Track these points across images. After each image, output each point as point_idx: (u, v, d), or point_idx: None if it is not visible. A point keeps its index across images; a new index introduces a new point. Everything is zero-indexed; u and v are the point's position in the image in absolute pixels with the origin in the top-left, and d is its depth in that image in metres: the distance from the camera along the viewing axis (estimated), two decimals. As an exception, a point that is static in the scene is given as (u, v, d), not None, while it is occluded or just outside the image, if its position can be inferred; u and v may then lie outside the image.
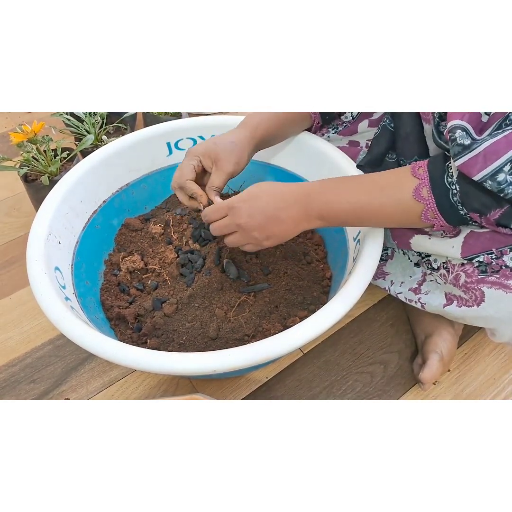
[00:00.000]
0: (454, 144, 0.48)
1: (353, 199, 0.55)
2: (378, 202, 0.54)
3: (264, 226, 0.57)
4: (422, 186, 0.52)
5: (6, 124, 1.28)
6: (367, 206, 0.55)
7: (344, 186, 0.57)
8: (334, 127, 0.79)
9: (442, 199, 0.51)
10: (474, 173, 0.47)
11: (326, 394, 0.73)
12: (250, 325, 0.64)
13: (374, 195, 0.55)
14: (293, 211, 0.57)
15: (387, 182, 0.55)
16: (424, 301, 0.67)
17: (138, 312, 0.67)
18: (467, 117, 0.48)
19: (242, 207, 0.57)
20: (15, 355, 0.77)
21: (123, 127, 1.07)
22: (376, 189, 0.55)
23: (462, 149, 0.47)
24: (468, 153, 0.47)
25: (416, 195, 0.52)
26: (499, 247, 0.54)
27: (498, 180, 0.46)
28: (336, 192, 0.57)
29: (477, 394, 0.73)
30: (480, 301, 0.56)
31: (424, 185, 0.52)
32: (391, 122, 0.67)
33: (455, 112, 0.49)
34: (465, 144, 0.47)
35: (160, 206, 0.85)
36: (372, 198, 0.55)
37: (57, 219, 0.66)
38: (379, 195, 0.54)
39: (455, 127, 0.48)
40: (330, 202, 0.56)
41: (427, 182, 0.52)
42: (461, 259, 0.57)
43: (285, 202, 0.57)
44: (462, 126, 0.48)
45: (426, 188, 0.52)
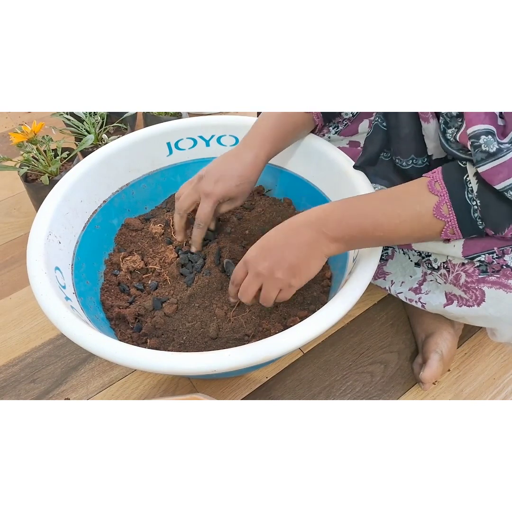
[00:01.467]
0: (478, 150, 0.46)
1: (371, 218, 0.52)
2: (398, 221, 0.51)
3: (280, 260, 0.53)
4: (443, 204, 0.50)
5: (6, 124, 1.28)
6: (386, 225, 0.52)
7: (361, 205, 0.54)
8: (334, 125, 0.79)
9: (464, 216, 0.50)
10: (496, 181, 0.46)
11: (326, 394, 0.73)
12: (250, 325, 0.64)
13: (392, 215, 0.52)
14: (304, 235, 0.53)
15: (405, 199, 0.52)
16: (425, 301, 0.67)
17: (138, 312, 0.67)
18: (488, 119, 0.47)
19: (255, 255, 0.55)
20: (15, 355, 0.77)
21: (123, 127, 1.07)
22: (394, 208, 0.52)
23: (487, 156, 0.46)
24: (492, 161, 0.46)
25: (437, 213, 0.50)
26: (501, 246, 0.54)
27: None
28: (350, 211, 0.54)
29: (477, 394, 0.73)
30: (480, 301, 0.56)
31: (444, 202, 0.50)
32: (383, 121, 0.66)
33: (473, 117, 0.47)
34: (490, 151, 0.45)
35: (160, 206, 0.85)
36: (390, 217, 0.52)
37: (57, 219, 0.66)
38: (398, 214, 0.51)
39: (479, 133, 0.46)
40: (345, 220, 0.53)
41: (447, 199, 0.49)
42: (462, 258, 0.57)
43: (293, 229, 0.55)
44: (486, 130, 0.46)
45: (447, 206, 0.50)
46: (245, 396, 0.73)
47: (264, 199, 0.84)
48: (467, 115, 0.48)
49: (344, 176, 0.71)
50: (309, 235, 0.54)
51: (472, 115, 0.48)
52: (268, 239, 0.56)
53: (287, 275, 0.54)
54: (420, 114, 0.60)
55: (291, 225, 0.55)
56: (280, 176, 0.84)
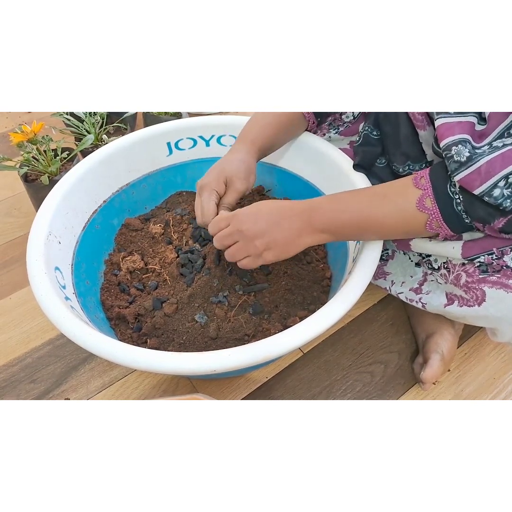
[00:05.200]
0: (451, 161, 0.48)
1: (356, 210, 0.55)
2: (382, 213, 0.54)
3: (265, 232, 0.56)
4: (426, 197, 0.51)
5: (6, 124, 1.28)
6: (370, 217, 0.55)
7: (347, 198, 0.57)
8: (335, 127, 0.79)
9: (447, 208, 0.51)
10: (474, 188, 0.47)
11: (326, 394, 0.73)
12: (250, 325, 0.64)
13: (377, 206, 0.54)
14: (296, 222, 0.56)
15: (390, 193, 0.54)
16: (425, 301, 0.67)
17: (138, 312, 0.67)
18: (460, 128, 0.49)
19: (245, 214, 0.57)
20: (15, 355, 0.77)
21: (123, 127, 1.07)
22: (379, 200, 0.54)
23: (459, 166, 0.48)
24: (465, 170, 0.47)
25: (420, 206, 0.52)
26: (500, 246, 0.54)
27: (494, 196, 0.46)
28: (339, 204, 0.56)
29: (477, 394, 0.73)
30: (481, 301, 0.57)
31: (428, 196, 0.51)
32: (373, 131, 0.67)
33: (444, 131, 0.49)
34: (462, 160, 0.47)
35: (160, 206, 0.85)
36: (374, 209, 0.54)
37: (57, 219, 0.66)
38: (382, 206, 0.54)
39: (449, 145, 0.49)
40: (333, 213, 0.56)
41: (430, 192, 0.51)
42: (462, 259, 0.57)
43: (289, 212, 0.57)
44: (458, 139, 0.48)
45: (430, 199, 0.51)
46: (245, 396, 0.73)
47: (264, 199, 0.84)
48: (438, 130, 0.50)
49: (344, 176, 0.71)
50: (300, 223, 0.57)
51: (443, 129, 0.50)
52: (261, 211, 0.58)
53: (264, 247, 0.57)
54: (416, 123, 0.61)
55: (287, 208, 0.58)
56: (280, 176, 0.84)
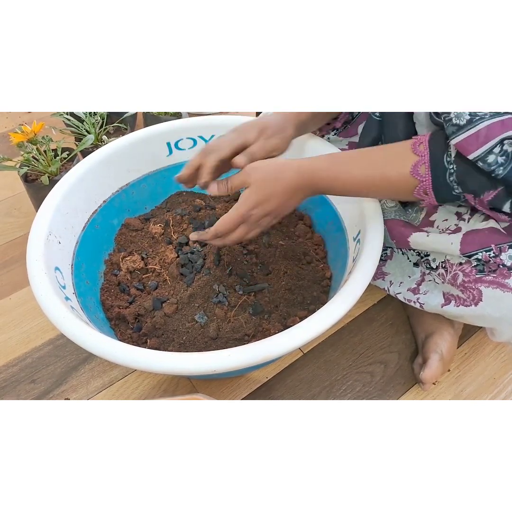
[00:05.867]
0: (449, 124, 0.49)
1: (356, 173, 0.56)
2: (379, 176, 0.55)
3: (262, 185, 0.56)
4: (421, 164, 0.52)
5: (6, 124, 1.28)
6: (368, 179, 0.56)
7: (347, 160, 0.58)
8: (333, 128, 0.79)
9: (439, 178, 0.52)
10: (468, 152, 0.48)
11: (326, 394, 0.73)
12: (250, 325, 0.64)
13: (376, 169, 0.55)
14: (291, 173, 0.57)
15: (389, 156, 0.55)
16: (423, 301, 0.67)
17: (138, 312, 0.67)
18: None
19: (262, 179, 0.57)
20: (15, 355, 0.77)
21: (123, 127, 1.07)
22: (378, 163, 0.55)
23: (457, 129, 0.48)
24: (463, 133, 0.48)
25: (414, 172, 0.53)
26: (498, 243, 0.54)
27: (488, 162, 0.47)
28: (340, 166, 0.57)
29: (477, 394, 0.73)
30: (478, 301, 0.57)
31: (423, 163, 0.52)
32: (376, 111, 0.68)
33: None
34: (461, 124, 0.48)
35: (160, 206, 0.85)
36: (372, 171, 0.55)
37: (57, 219, 0.66)
38: (381, 168, 0.55)
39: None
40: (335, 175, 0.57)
41: (427, 159, 0.52)
42: (460, 256, 0.57)
43: (285, 166, 0.57)
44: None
45: (425, 166, 0.52)
46: (245, 396, 0.72)
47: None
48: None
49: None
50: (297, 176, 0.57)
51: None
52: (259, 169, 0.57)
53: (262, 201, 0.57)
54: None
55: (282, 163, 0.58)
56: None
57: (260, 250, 0.73)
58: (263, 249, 0.73)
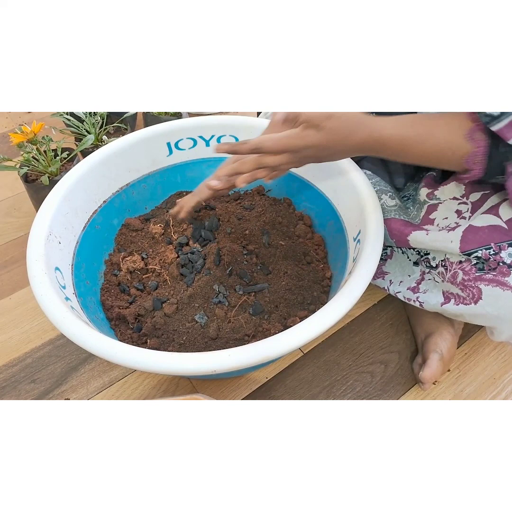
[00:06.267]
0: (482, 114, 0.50)
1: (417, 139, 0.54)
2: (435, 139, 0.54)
3: (331, 137, 0.53)
4: (477, 130, 0.52)
5: (6, 124, 1.28)
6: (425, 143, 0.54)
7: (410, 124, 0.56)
8: None
9: (493, 148, 0.52)
10: (508, 138, 0.49)
11: (326, 394, 0.73)
12: (250, 325, 0.64)
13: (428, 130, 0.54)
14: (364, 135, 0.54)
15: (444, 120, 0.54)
16: (423, 300, 0.67)
17: (138, 312, 0.67)
18: None
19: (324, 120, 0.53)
20: (15, 355, 0.77)
21: (123, 127, 1.07)
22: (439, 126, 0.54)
23: (491, 119, 0.49)
24: (498, 123, 0.49)
25: (469, 136, 0.52)
26: (498, 241, 0.54)
27: None
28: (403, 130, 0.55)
29: (477, 394, 0.73)
30: (477, 299, 0.57)
31: (480, 129, 0.52)
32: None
33: None
34: (494, 115, 0.49)
35: (160, 206, 0.85)
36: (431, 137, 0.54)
37: (57, 219, 0.66)
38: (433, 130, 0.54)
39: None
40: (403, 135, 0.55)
41: (482, 127, 0.52)
42: (460, 254, 0.57)
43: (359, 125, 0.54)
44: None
45: (481, 132, 0.52)
46: (245, 396, 0.73)
47: (264, 199, 0.84)
48: None
49: (344, 176, 0.71)
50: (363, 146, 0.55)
51: None
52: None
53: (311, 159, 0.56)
54: None
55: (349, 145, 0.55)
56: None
57: (260, 250, 0.73)
58: (263, 249, 0.73)
